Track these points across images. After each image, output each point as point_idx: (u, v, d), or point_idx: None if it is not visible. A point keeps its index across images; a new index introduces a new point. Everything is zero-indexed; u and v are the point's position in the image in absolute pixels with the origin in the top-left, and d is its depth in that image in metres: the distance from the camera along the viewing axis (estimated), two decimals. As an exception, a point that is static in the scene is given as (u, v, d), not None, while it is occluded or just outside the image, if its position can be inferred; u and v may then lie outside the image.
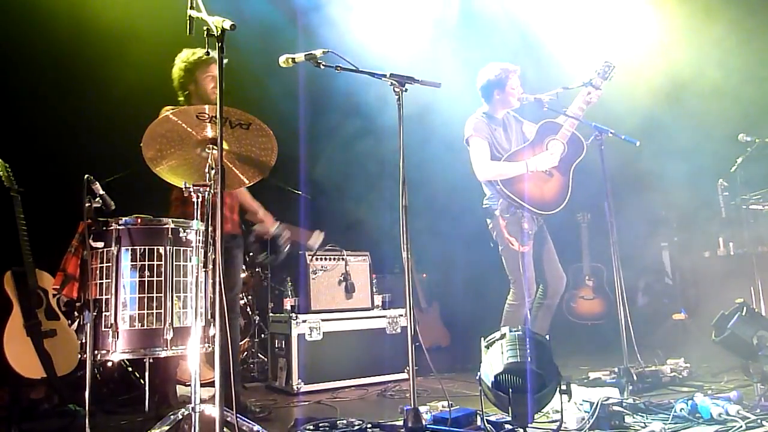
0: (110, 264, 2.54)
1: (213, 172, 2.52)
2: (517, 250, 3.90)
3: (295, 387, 4.08)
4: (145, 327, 2.52)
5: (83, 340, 2.49)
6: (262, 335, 5.03)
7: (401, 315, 4.60)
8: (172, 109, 2.65)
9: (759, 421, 2.64)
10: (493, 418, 2.77)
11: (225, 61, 2.28)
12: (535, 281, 4.00)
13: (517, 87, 4.08)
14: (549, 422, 2.85)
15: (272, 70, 3.47)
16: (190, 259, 2.62)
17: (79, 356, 2.56)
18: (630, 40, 5.68)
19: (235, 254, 3.54)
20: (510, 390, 2.52)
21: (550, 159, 3.95)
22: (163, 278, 2.56)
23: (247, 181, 2.84)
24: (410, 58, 5.17)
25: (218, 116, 2.22)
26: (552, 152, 3.96)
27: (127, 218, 2.61)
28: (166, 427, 2.48)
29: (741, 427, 2.57)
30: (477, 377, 2.70)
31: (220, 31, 2.22)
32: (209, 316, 2.55)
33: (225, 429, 2.12)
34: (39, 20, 4.52)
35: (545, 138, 4.03)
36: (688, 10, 5.57)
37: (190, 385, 2.43)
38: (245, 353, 4.90)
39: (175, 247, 2.59)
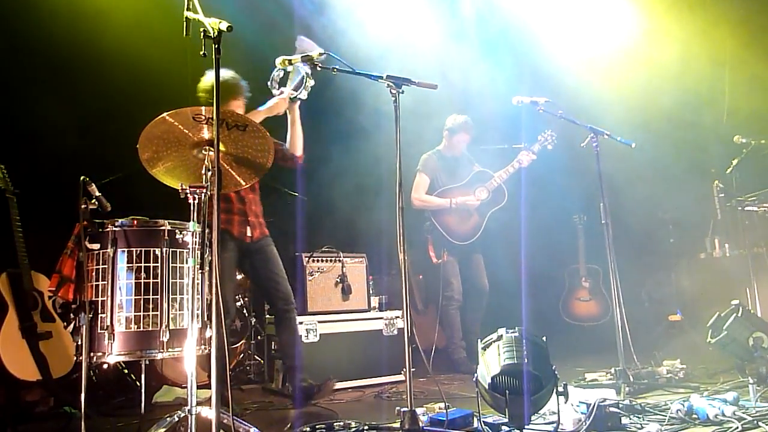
0: (106, 266, 2.53)
1: (209, 173, 2.51)
2: (435, 262, 4.93)
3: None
4: (141, 329, 2.51)
5: (79, 342, 2.48)
6: (259, 337, 5.02)
7: (398, 317, 4.60)
8: None
9: (755, 422, 2.64)
10: (490, 420, 2.77)
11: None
12: (460, 287, 4.95)
13: (464, 142, 5.01)
14: (546, 424, 2.85)
15: (269, 71, 3.47)
16: (187, 260, 2.61)
17: (75, 358, 2.55)
18: (624, 41, 5.71)
19: (273, 250, 3.81)
20: (507, 391, 2.52)
21: (472, 202, 4.89)
22: (159, 280, 2.55)
23: (243, 183, 2.84)
24: (408, 58, 5.19)
25: (215, 118, 2.22)
26: (476, 197, 4.90)
27: (123, 220, 2.61)
28: (163, 430, 2.47)
29: (737, 428, 2.58)
30: (474, 379, 2.70)
31: (216, 33, 2.22)
32: (205, 318, 2.54)
33: (221, 431, 2.11)
34: (35, 21, 4.51)
35: (475, 184, 4.94)
36: (678, 7, 5.60)
37: (186, 387, 2.42)
38: (241, 355, 4.89)
39: (171, 249, 2.59)
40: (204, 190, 2.48)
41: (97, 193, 2.59)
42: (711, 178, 5.23)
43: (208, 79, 3.55)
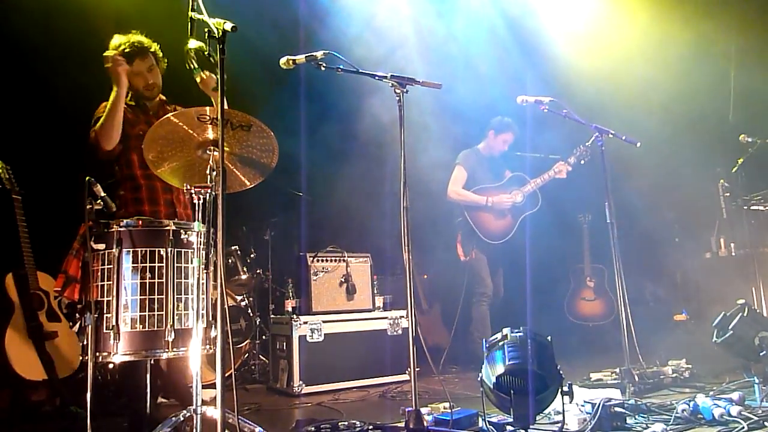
0: (111, 266, 2.54)
1: (214, 173, 2.52)
2: (461, 258, 5.00)
3: (296, 388, 4.07)
4: (147, 329, 2.52)
5: (84, 342, 2.49)
6: (263, 337, 5.03)
7: (402, 316, 4.60)
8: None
9: (761, 422, 2.63)
10: (494, 420, 2.76)
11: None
12: (489, 286, 4.97)
13: (506, 143, 5.09)
14: (550, 423, 2.85)
15: (273, 71, 3.47)
16: (192, 260, 2.62)
17: (81, 358, 2.56)
18: (629, 40, 5.69)
19: None
20: (511, 391, 2.52)
21: (507, 203, 4.96)
22: (164, 280, 2.56)
23: (248, 183, 2.84)
24: (412, 59, 5.20)
25: (219, 118, 2.22)
26: (512, 199, 4.96)
27: (128, 220, 2.61)
28: (168, 430, 2.47)
29: (743, 428, 2.56)
30: (478, 378, 2.69)
31: (221, 33, 2.22)
32: (210, 318, 2.55)
33: (226, 431, 2.11)
34: (41, 19, 4.52)
35: (511, 187, 5.04)
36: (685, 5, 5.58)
37: (191, 387, 2.43)
38: (246, 355, 4.90)
39: (176, 249, 2.59)
40: (208, 190, 2.49)
41: (103, 194, 2.59)
42: (716, 177, 5.21)
43: (114, 42, 3.35)
